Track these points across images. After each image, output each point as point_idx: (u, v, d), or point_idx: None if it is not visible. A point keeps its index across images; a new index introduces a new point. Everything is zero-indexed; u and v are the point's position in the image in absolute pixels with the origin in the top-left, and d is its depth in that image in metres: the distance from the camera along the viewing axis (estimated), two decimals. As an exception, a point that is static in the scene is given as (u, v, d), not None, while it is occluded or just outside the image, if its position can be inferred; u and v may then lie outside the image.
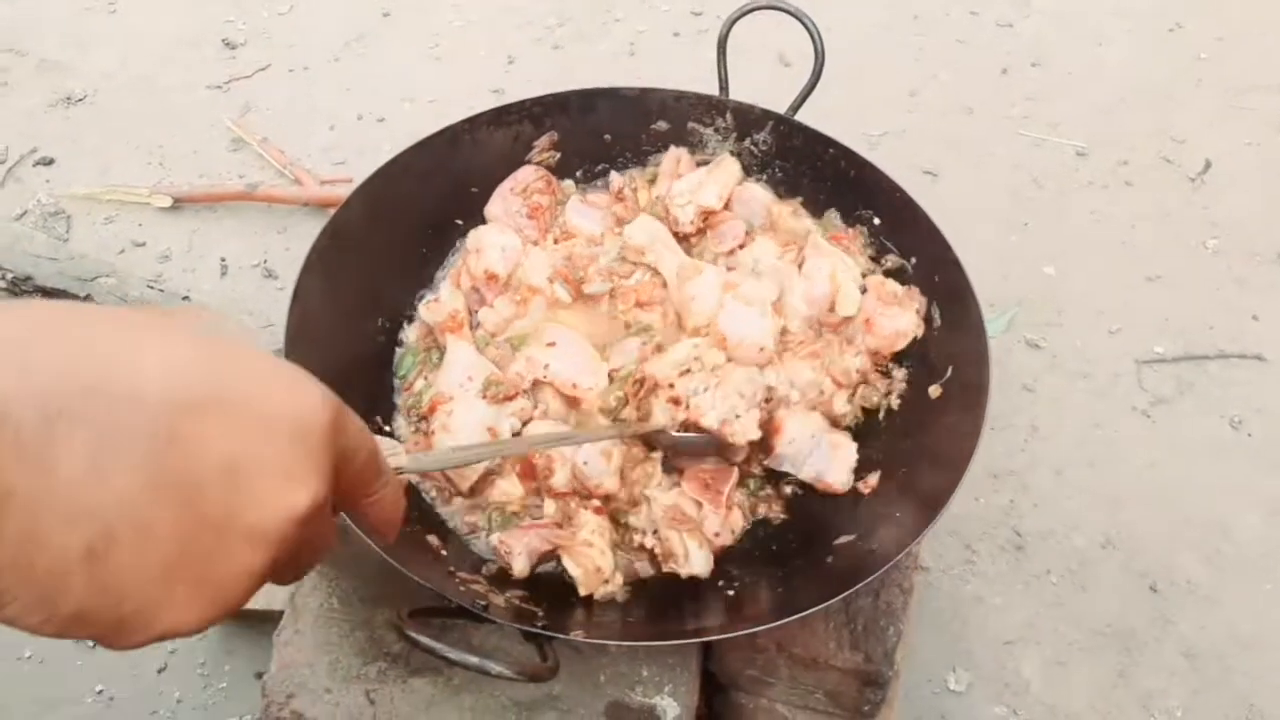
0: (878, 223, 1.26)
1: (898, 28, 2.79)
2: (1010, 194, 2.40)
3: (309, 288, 1.11)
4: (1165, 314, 2.16)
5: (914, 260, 1.23)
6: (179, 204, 2.32)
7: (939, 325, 1.18)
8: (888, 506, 1.08)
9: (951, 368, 1.14)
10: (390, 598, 1.06)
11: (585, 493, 1.08)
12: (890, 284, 1.21)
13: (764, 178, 1.34)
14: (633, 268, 1.23)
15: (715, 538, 1.08)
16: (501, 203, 1.30)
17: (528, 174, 1.32)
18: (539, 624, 0.93)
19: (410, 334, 1.25)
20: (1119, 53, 2.73)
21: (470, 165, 1.29)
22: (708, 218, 1.28)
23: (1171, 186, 2.41)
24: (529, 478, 1.11)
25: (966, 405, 1.08)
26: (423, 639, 0.83)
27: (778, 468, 1.14)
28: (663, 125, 1.35)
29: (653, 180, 1.34)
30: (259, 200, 2.32)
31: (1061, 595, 1.77)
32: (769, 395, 1.13)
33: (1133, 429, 1.98)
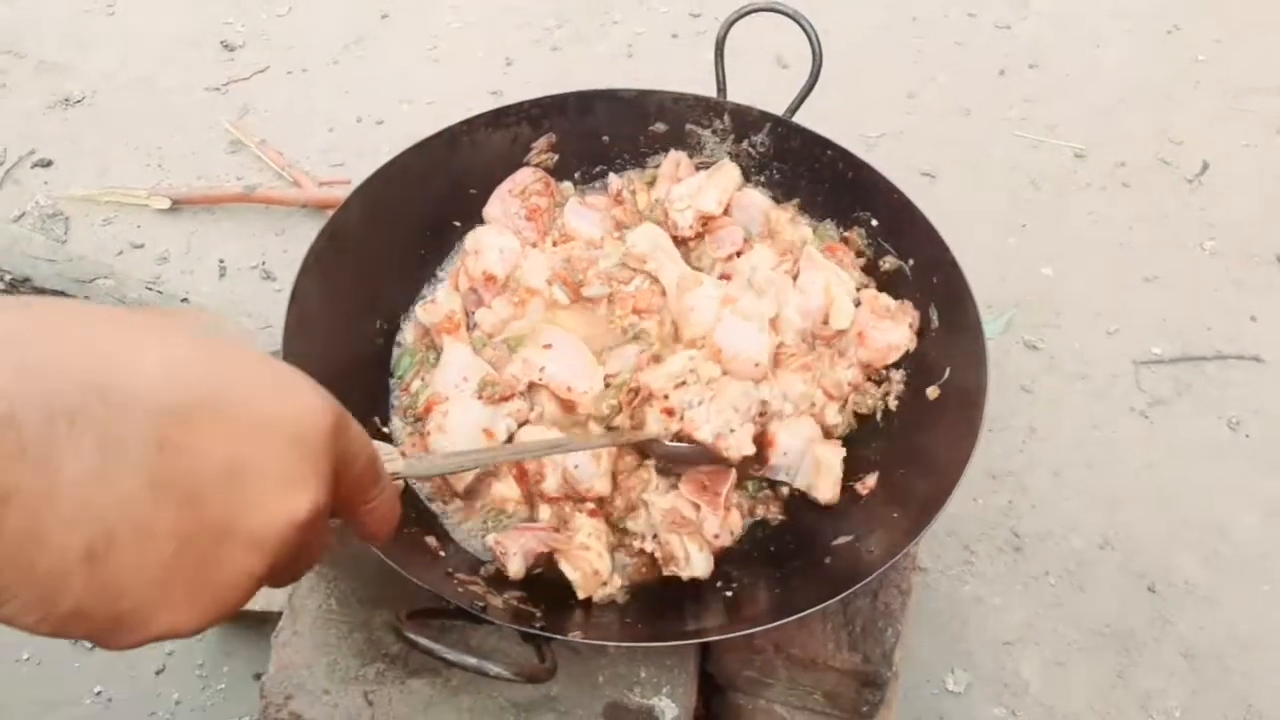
0: (875, 224, 1.26)
1: (895, 29, 2.80)
2: (1008, 195, 2.40)
3: (307, 289, 1.11)
4: (1163, 315, 2.16)
5: (912, 262, 1.23)
6: (177, 206, 2.32)
7: (937, 327, 1.18)
8: (886, 507, 1.08)
9: (949, 369, 1.14)
10: (388, 599, 1.05)
11: (577, 496, 1.08)
12: (884, 298, 1.21)
13: (762, 179, 1.34)
14: (632, 274, 1.23)
15: (715, 539, 1.07)
16: (500, 204, 1.30)
17: (526, 176, 1.32)
18: (537, 625, 0.93)
19: (408, 335, 1.25)
20: (1117, 54, 2.73)
21: (468, 167, 1.29)
22: (707, 223, 1.28)
23: (1169, 188, 2.41)
24: (524, 481, 1.11)
25: (964, 406, 1.08)
26: (421, 640, 0.83)
27: (773, 478, 1.15)
28: (661, 127, 1.35)
29: (651, 183, 1.33)
30: (257, 202, 2.32)
31: (1060, 596, 1.77)
32: (763, 409, 1.13)
33: (1131, 430, 1.98)
